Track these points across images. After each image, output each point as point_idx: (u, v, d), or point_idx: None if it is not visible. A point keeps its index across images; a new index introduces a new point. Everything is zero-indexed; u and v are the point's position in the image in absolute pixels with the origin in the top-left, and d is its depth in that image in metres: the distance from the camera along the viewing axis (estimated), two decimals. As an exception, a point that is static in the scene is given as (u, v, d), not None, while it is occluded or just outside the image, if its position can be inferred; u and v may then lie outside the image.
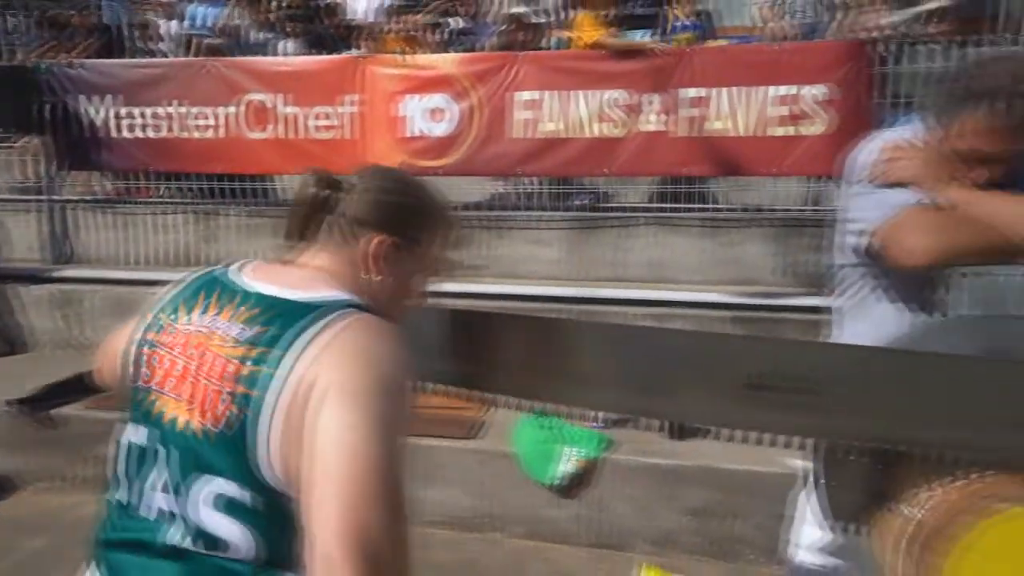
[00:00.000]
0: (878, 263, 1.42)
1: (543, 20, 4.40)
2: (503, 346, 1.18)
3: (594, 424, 2.49)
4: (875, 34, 3.54)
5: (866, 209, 1.37)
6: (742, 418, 1.07)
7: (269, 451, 0.79)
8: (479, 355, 1.18)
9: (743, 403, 1.05)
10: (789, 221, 3.59)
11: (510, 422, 2.60)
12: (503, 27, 4.22)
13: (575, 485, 2.46)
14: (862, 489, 1.16)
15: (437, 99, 3.75)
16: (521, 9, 4.25)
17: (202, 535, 0.82)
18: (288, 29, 4.79)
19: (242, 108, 3.93)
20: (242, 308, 0.87)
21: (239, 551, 0.82)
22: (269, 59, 4.32)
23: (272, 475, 0.80)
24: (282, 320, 0.84)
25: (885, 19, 3.70)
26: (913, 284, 1.42)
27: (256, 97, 3.91)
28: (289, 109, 3.88)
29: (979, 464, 0.98)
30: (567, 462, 2.45)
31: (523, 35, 4.09)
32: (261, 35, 4.85)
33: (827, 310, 3.18)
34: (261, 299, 0.88)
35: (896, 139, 1.40)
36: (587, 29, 3.92)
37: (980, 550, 0.95)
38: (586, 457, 2.45)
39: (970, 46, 3.79)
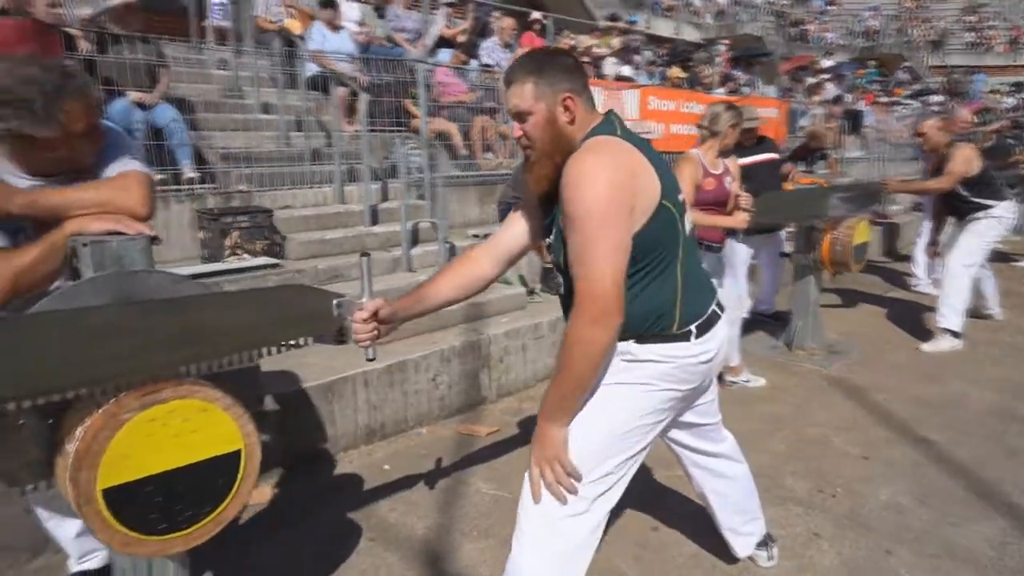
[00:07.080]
0: None
1: None
2: None
3: None
4: (70, 23, 3.52)
5: None
6: None
7: None
8: None
9: None
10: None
11: None
12: None
13: None
14: (37, 448, 1.28)
15: None
16: None
17: None
18: None
19: None
20: None
21: None
22: None
23: None
24: None
25: (81, 11, 3.71)
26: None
27: None
28: None
29: (113, 391, 1.23)
30: None
31: None
32: None
33: None
34: None
35: None
36: None
37: (122, 452, 1.21)
38: None
39: (164, 39, 4.24)
